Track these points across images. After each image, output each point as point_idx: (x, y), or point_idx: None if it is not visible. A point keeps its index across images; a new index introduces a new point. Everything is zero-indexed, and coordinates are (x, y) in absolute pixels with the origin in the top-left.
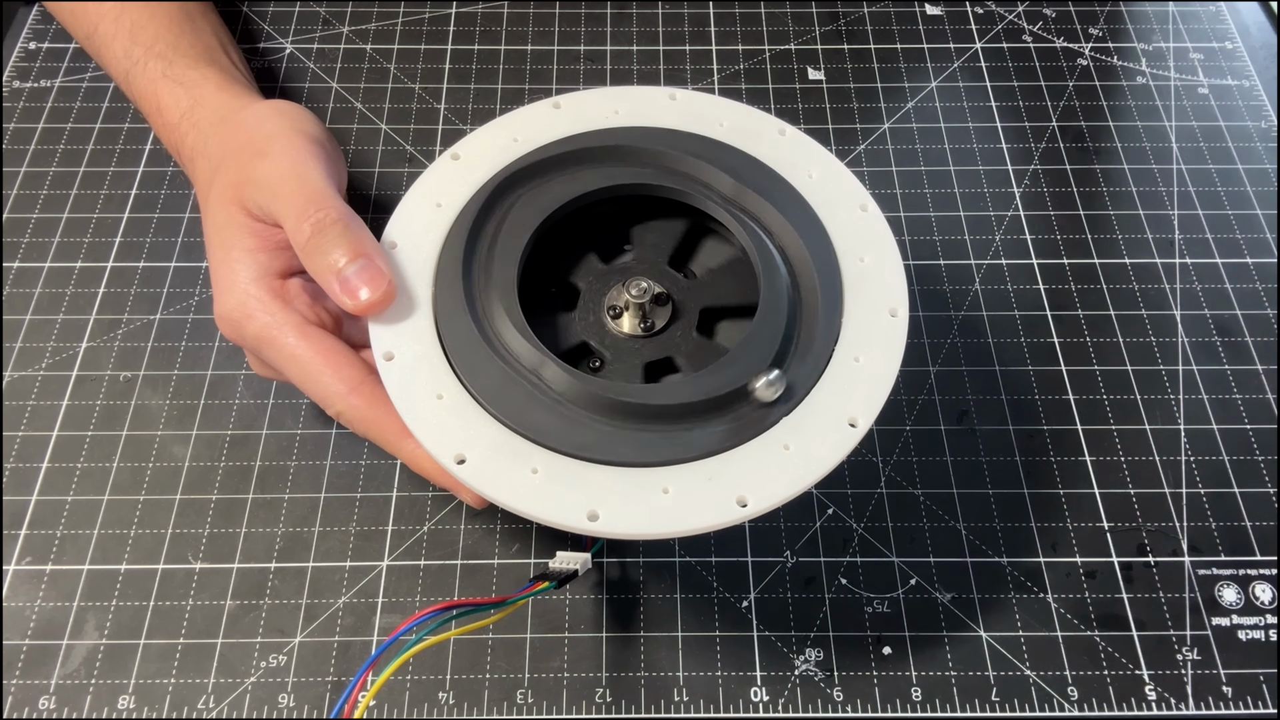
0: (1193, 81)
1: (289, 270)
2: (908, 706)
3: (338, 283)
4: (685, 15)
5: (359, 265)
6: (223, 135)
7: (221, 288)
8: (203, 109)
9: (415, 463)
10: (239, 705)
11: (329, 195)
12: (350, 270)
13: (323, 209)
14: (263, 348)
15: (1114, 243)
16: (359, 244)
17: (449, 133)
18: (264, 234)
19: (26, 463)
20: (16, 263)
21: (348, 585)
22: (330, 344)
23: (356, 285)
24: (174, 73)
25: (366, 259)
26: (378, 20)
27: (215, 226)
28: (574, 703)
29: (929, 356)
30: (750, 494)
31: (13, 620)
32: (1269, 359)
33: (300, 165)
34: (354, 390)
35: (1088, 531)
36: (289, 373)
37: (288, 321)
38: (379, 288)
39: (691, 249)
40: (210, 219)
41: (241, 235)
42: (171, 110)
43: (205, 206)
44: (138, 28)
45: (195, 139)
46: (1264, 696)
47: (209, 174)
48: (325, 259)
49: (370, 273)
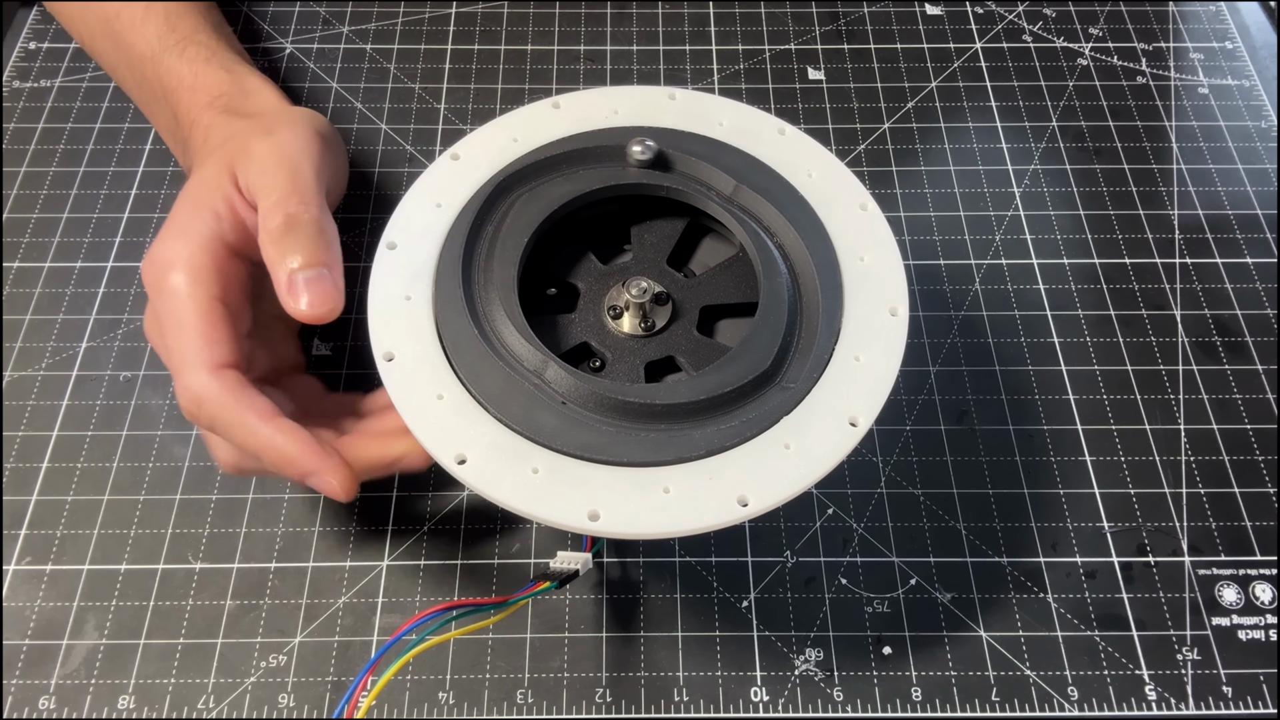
0: (1193, 81)
1: (241, 249)
2: (908, 706)
3: (287, 281)
4: (685, 15)
5: (313, 273)
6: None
7: (170, 230)
8: (246, 98)
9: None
10: (239, 705)
11: (313, 192)
12: (302, 275)
13: (303, 204)
14: (163, 295)
15: (1114, 243)
16: (322, 252)
17: (449, 133)
18: (239, 207)
19: (26, 463)
20: (16, 263)
21: (348, 585)
22: (220, 321)
23: (302, 292)
24: (220, 60)
25: (324, 270)
26: (378, 20)
27: (200, 180)
28: (574, 703)
29: (929, 356)
30: (750, 494)
31: (13, 620)
32: (1269, 359)
33: (297, 155)
34: (215, 369)
35: (1088, 531)
36: (166, 328)
37: (202, 284)
38: (324, 304)
39: (691, 248)
40: (199, 172)
41: (217, 198)
42: (210, 88)
43: (200, 164)
44: (175, 16)
45: (221, 117)
46: (1264, 696)
47: (219, 142)
48: (285, 253)
49: (321, 286)
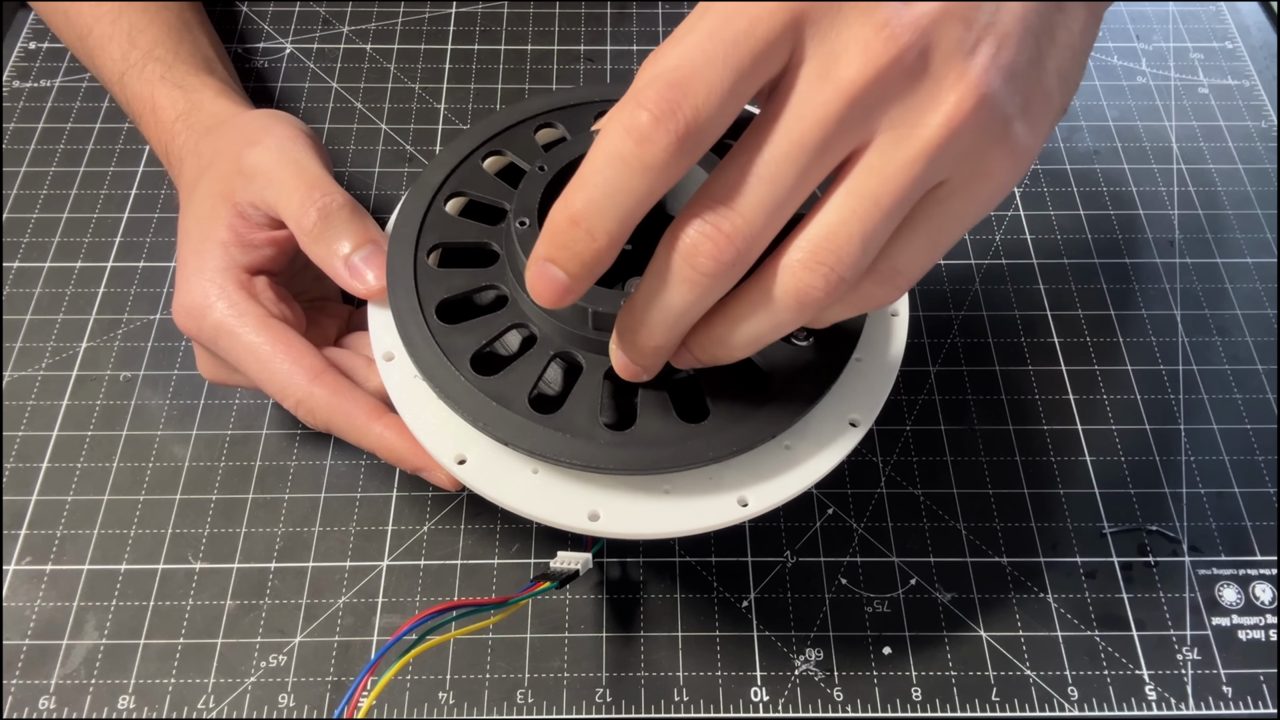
0: (1193, 81)
1: (257, 267)
2: (908, 706)
3: (345, 268)
4: (685, 15)
5: (366, 251)
6: (215, 137)
7: (187, 275)
8: (199, 113)
9: (385, 447)
10: (239, 705)
11: (330, 181)
12: (358, 256)
13: (327, 194)
14: (221, 339)
15: (1114, 243)
16: (366, 230)
17: (449, 133)
18: (241, 229)
19: (26, 463)
20: (16, 263)
21: (348, 585)
22: (290, 336)
23: (364, 270)
24: (173, 76)
25: (374, 245)
26: (378, 20)
27: (195, 218)
28: (574, 703)
29: (929, 356)
30: (750, 494)
31: (13, 620)
32: (1269, 359)
33: (295, 153)
34: (315, 379)
35: (1088, 531)
36: (246, 365)
37: (250, 313)
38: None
39: None
40: (192, 212)
41: (219, 228)
42: (167, 111)
43: (189, 201)
44: (136, 31)
45: (187, 140)
46: (1264, 696)
47: (197, 172)
48: (332, 245)
49: (379, 259)
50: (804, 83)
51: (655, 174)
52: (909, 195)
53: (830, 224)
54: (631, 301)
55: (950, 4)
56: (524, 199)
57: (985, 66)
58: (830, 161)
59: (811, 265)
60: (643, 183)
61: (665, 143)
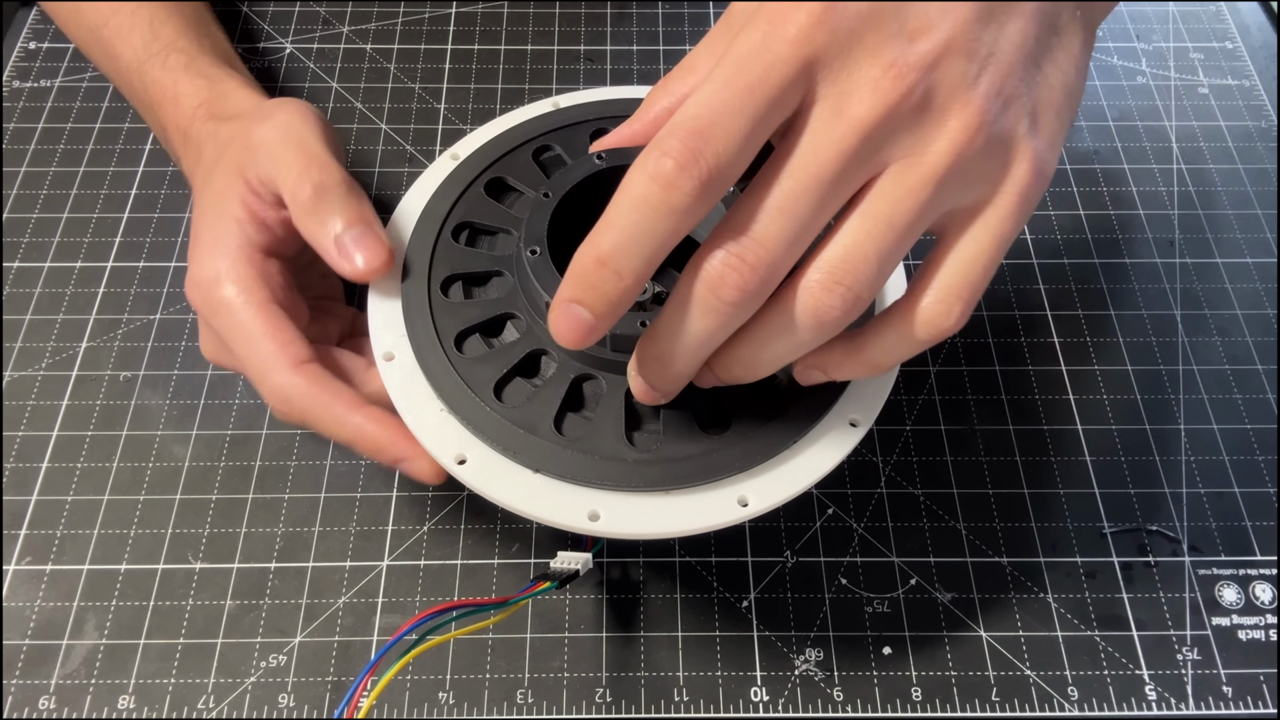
0: (1193, 81)
1: (271, 248)
2: (908, 706)
3: (335, 247)
4: (685, 15)
5: (357, 231)
6: (235, 122)
7: (201, 249)
8: (224, 102)
9: (364, 436)
10: (239, 705)
11: (330, 159)
12: (348, 235)
13: (325, 170)
14: (220, 313)
15: (1114, 243)
16: (359, 210)
17: (449, 133)
18: (255, 207)
19: (26, 463)
20: (16, 263)
21: (348, 585)
22: (284, 323)
23: (353, 251)
24: (197, 66)
25: (365, 225)
26: (378, 20)
27: (213, 192)
28: (574, 703)
29: (929, 356)
30: (750, 494)
31: (13, 620)
32: (1269, 359)
33: (301, 131)
34: (297, 367)
35: (1088, 531)
36: (235, 343)
37: (254, 292)
38: (378, 256)
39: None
40: (209, 187)
41: (233, 204)
42: (190, 98)
43: (207, 179)
44: (158, 22)
45: (209, 126)
46: (1264, 696)
47: (216, 153)
48: (324, 221)
49: (368, 240)
50: (818, 120)
51: (680, 216)
52: (921, 216)
53: (846, 245)
54: (653, 330)
55: (953, 40)
56: (532, 227)
57: (987, 94)
58: (845, 193)
59: (829, 285)
60: (668, 225)
61: (689, 187)
